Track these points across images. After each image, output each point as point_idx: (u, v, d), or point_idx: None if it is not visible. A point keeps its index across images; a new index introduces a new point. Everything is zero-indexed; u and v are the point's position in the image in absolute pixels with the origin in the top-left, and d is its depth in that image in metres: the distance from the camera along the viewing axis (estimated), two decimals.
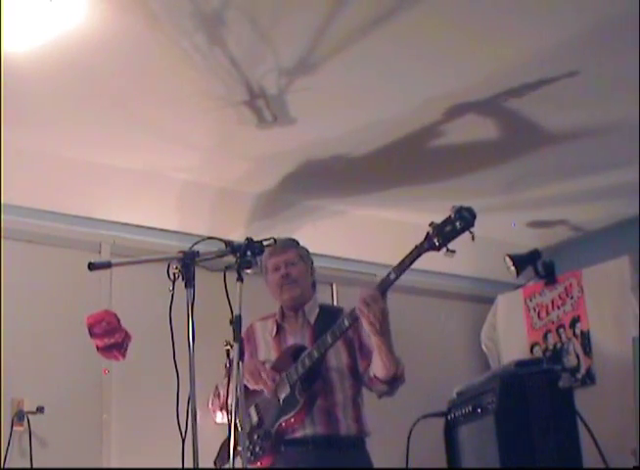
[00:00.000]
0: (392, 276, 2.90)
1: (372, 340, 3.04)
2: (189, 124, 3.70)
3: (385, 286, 2.92)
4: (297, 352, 3.23)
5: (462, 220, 2.73)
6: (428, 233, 2.81)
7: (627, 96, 3.62)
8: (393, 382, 3.13)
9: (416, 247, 2.85)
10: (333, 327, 3.09)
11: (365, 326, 2.97)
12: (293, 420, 3.16)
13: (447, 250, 2.78)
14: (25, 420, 3.75)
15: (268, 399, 3.23)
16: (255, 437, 3.24)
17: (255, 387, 3.22)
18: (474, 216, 2.74)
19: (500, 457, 3.53)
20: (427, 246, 2.82)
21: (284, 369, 3.22)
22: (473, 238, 2.72)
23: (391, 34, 3.10)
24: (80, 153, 3.89)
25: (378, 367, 3.08)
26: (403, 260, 2.88)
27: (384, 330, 2.95)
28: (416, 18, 3.02)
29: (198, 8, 2.89)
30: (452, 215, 2.75)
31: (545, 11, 3.04)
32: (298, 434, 3.19)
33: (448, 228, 2.76)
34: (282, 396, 3.19)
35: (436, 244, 2.78)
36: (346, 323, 3.05)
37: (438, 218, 2.77)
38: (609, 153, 4.22)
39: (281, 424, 3.18)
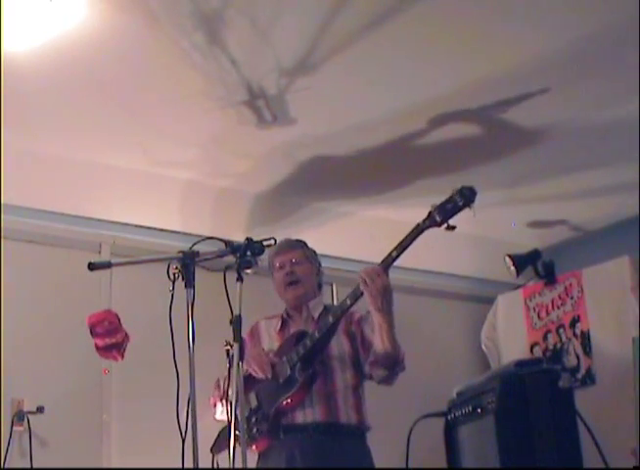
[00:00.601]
0: (394, 254, 2.96)
1: (374, 318, 3.05)
2: (189, 124, 3.70)
3: (387, 263, 2.98)
4: (299, 337, 3.24)
5: (462, 197, 2.82)
6: (430, 212, 2.88)
7: (627, 95, 3.62)
8: (393, 366, 3.14)
9: (417, 224, 2.92)
10: (334, 308, 3.11)
11: (367, 300, 3.00)
12: (291, 400, 3.16)
13: (448, 226, 2.83)
14: (25, 420, 3.75)
15: (269, 384, 3.24)
16: (253, 420, 3.25)
17: (260, 375, 3.23)
18: (474, 194, 2.83)
19: (500, 457, 3.53)
20: (428, 223, 2.89)
21: (286, 354, 3.23)
22: (474, 214, 2.77)
23: (391, 35, 3.10)
24: (80, 153, 3.89)
25: (378, 349, 3.09)
26: (405, 238, 2.94)
27: (385, 306, 2.98)
28: (415, 19, 3.02)
29: (198, 8, 2.89)
30: (453, 194, 2.84)
31: (545, 12, 3.04)
32: (298, 419, 3.19)
33: (449, 206, 2.84)
34: (282, 378, 3.20)
35: (438, 220, 2.85)
36: (348, 302, 3.08)
37: None
38: (609, 152, 4.22)
39: (280, 405, 3.18)
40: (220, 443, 3.28)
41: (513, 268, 4.93)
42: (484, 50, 3.28)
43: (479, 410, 3.73)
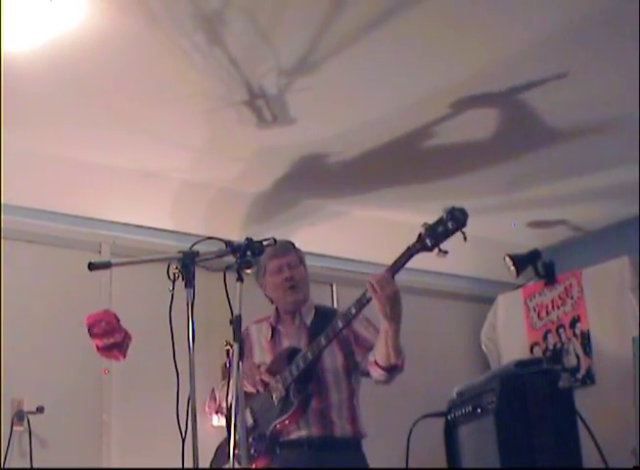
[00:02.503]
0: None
1: (382, 324, 3.00)
2: (189, 124, 3.70)
3: (395, 270, 2.90)
4: (291, 354, 3.24)
5: (454, 221, 2.75)
6: (420, 234, 2.82)
7: (627, 95, 3.62)
8: (392, 371, 3.13)
9: (408, 248, 2.87)
10: (327, 329, 3.10)
11: (377, 308, 2.94)
12: (287, 422, 3.17)
13: (440, 250, 2.79)
14: (25, 420, 3.75)
15: (263, 402, 3.24)
16: (250, 439, 3.23)
17: (251, 389, 3.23)
18: (466, 216, 2.76)
19: (500, 457, 3.53)
20: (419, 246, 2.83)
21: (279, 371, 3.22)
22: (465, 239, 2.73)
23: (391, 34, 3.10)
24: (80, 153, 3.89)
25: (380, 354, 3.07)
26: (395, 262, 2.90)
27: (394, 315, 2.94)
28: (415, 17, 3.01)
29: (198, 8, 2.89)
30: (444, 216, 2.77)
31: (545, 6, 3.04)
32: (293, 436, 3.20)
33: (440, 229, 2.77)
34: (277, 398, 3.19)
35: (429, 245, 2.80)
36: (340, 324, 3.06)
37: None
38: (609, 152, 4.22)
39: (276, 426, 3.18)
40: (219, 458, 3.28)
41: (513, 268, 4.93)
42: (484, 51, 3.27)
43: (479, 410, 3.73)
